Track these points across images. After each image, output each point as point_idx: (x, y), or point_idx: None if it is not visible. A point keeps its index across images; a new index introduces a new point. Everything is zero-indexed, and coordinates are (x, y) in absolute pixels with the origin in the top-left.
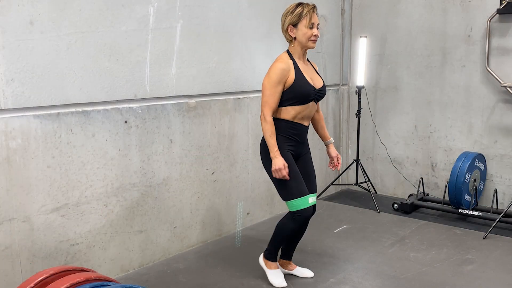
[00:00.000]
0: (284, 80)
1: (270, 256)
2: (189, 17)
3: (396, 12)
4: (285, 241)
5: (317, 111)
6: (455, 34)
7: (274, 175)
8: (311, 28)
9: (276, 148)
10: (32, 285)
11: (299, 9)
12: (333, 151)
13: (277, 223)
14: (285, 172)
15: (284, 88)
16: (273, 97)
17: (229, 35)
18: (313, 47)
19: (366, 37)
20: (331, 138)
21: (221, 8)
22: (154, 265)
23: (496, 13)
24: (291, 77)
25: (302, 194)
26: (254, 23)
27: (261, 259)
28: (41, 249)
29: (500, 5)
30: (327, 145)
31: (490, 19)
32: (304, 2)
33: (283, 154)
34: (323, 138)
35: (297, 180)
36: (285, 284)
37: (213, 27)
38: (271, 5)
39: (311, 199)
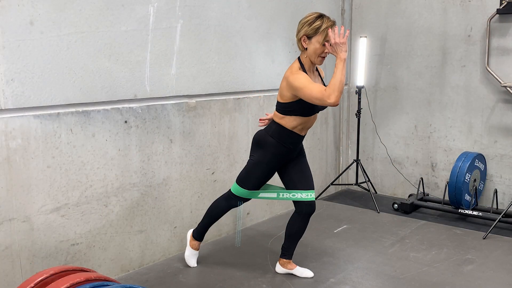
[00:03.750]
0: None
1: (197, 235)
2: (189, 17)
3: (396, 12)
4: (213, 220)
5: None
6: (455, 34)
7: (345, 50)
8: (324, 45)
9: (340, 69)
10: (32, 285)
11: (318, 23)
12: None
13: (212, 203)
14: (341, 38)
15: (293, 99)
16: (316, 84)
17: (229, 35)
18: (319, 64)
19: (366, 37)
20: None
21: (221, 8)
22: (154, 265)
23: (496, 13)
24: None
25: (251, 189)
26: (254, 23)
27: (189, 233)
28: (41, 249)
29: (500, 5)
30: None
31: (490, 19)
32: (326, 15)
33: (267, 159)
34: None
35: (259, 180)
36: (195, 265)
37: (213, 27)
38: (271, 5)
39: (262, 194)
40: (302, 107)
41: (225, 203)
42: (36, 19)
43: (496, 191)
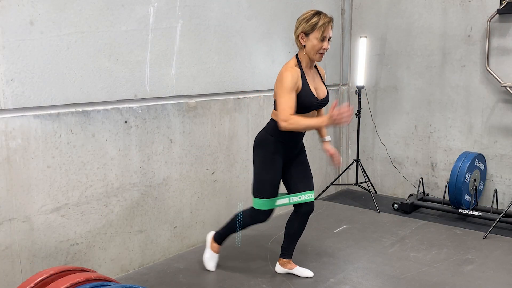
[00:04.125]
0: (295, 88)
1: (219, 238)
2: (189, 17)
3: (396, 12)
4: (236, 230)
5: (319, 111)
6: (455, 34)
7: (339, 121)
8: (323, 41)
9: (314, 120)
10: (32, 285)
11: (314, 19)
12: (331, 148)
13: (239, 212)
14: (345, 113)
15: None
16: (292, 101)
17: (229, 35)
18: (318, 61)
19: (366, 37)
20: (328, 136)
21: (221, 8)
22: (154, 265)
23: (496, 13)
24: (299, 87)
25: (270, 196)
26: (254, 23)
27: (209, 236)
28: (41, 249)
29: (500, 5)
30: (323, 141)
31: (490, 19)
32: (322, 12)
33: (270, 157)
34: (320, 134)
35: (272, 182)
36: (214, 269)
37: (213, 27)
38: (271, 5)
39: (279, 201)
40: (298, 104)
41: (249, 219)
42: (36, 19)
43: (496, 191)
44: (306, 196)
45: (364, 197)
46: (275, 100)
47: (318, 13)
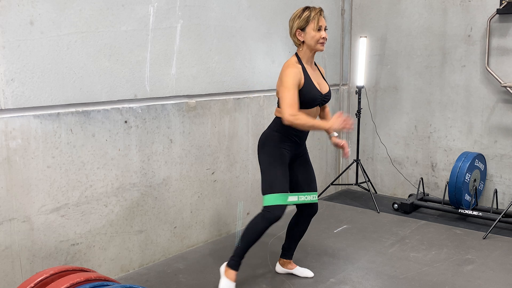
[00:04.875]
0: (298, 84)
1: (234, 262)
2: (189, 17)
3: (396, 12)
4: (252, 244)
5: (324, 107)
6: (455, 34)
7: (342, 127)
8: (319, 30)
9: (319, 122)
10: (32, 285)
11: (306, 13)
12: (340, 140)
13: (247, 225)
14: (347, 122)
15: None
16: (295, 97)
17: (229, 35)
18: (321, 50)
19: (366, 37)
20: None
21: (221, 8)
22: (154, 265)
23: (496, 13)
24: (301, 82)
25: (281, 191)
26: (254, 23)
27: (222, 267)
28: (41, 249)
29: (500, 5)
30: (331, 137)
31: (490, 19)
32: (311, 5)
33: (278, 152)
34: (328, 131)
35: (283, 177)
36: None
37: (213, 27)
38: (271, 5)
39: (291, 198)
40: (303, 99)
41: (261, 221)
42: (36, 19)
43: (496, 191)
44: (311, 197)
45: (364, 197)
46: (279, 98)
47: (307, 8)
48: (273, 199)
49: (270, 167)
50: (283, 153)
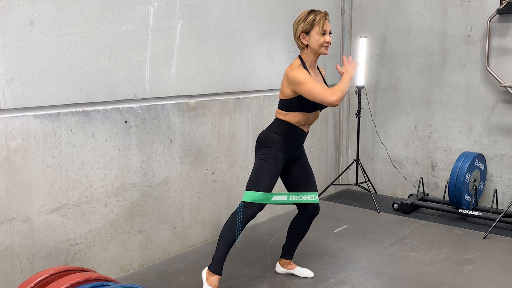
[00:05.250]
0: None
1: (215, 267)
2: (189, 17)
3: (396, 12)
4: (232, 244)
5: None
6: (455, 34)
7: (354, 71)
8: (324, 34)
9: (346, 81)
10: (32, 285)
11: (311, 17)
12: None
13: (224, 226)
14: (353, 65)
15: (294, 95)
16: (318, 84)
17: (229, 35)
18: (325, 54)
19: (366, 37)
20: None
21: (221, 8)
22: (154, 265)
23: (496, 13)
24: None
25: (265, 191)
26: (254, 23)
27: (204, 273)
28: (41, 249)
29: (500, 5)
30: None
31: (490, 19)
32: (316, 9)
33: (274, 154)
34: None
35: (270, 178)
36: None
37: (213, 27)
38: (271, 5)
39: (277, 197)
40: (304, 103)
41: (236, 216)
42: (36, 19)
43: (496, 191)
44: (308, 197)
45: (364, 197)
46: (280, 99)
47: (312, 11)
48: (253, 196)
49: (261, 166)
50: (278, 156)
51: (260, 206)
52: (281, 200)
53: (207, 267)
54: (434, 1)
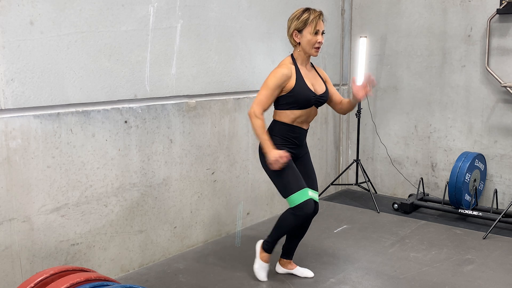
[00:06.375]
0: (283, 86)
1: (267, 247)
2: (189, 17)
3: (396, 12)
4: (284, 234)
5: (341, 100)
6: (455, 34)
7: (272, 167)
8: (316, 34)
9: (269, 142)
10: (32, 285)
11: (305, 15)
12: (358, 88)
13: (280, 215)
14: (283, 160)
15: (283, 93)
16: (269, 99)
17: (229, 35)
18: (315, 55)
19: (366, 37)
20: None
21: (221, 8)
22: (154, 265)
23: (496, 13)
24: (292, 82)
25: (300, 188)
26: (254, 23)
27: (258, 245)
28: (41, 249)
29: (500, 5)
30: (353, 99)
31: (490, 19)
32: (311, 8)
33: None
34: (350, 102)
35: (294, 175)
36: (265, 279)
37: (213, 27)
38: (271, 5)
39: (310, 193)
40: (296, 99)
41: (293, 219)
42: (36, 19)
43: (496, 191)
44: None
45: (364, 197)
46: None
47: (307, 9)
48: (295, 198)
49: (277, 171)
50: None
51: (309, 203)
52: (311, 196)
53: (261, 241)
54: (434, 1)
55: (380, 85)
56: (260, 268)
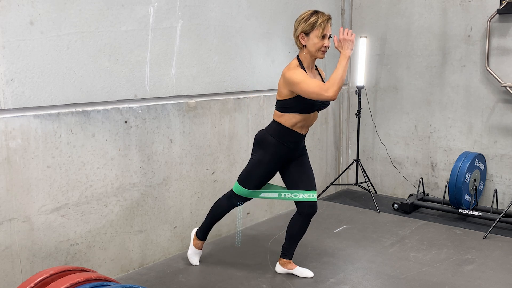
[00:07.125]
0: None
1: (200, 234)
2: (189, 17)
3: (396, 12)
4: (215, 220)
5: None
6: (455, 34)
7: (351, 48)
8: (323, 38)
9: (343, 64)
10: (32, 285)
11: (313, 18)
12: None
13: (214, 202)
14: (347, 38)
15: (291, 96)
16: (314, 81)
17: (229, 35)
18: (321, 58)
19: (366, 37)
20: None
21: (221, 8)
22: (154, 265)
23: (496, 13)
24: None
25: (254, 188)
26: (254, 23)
27: (193, 232)
28: (41, 249)
29: (500, 5)
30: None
31: (490, 19)
32: (320, 11)
33: (268, 158)
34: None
35: (262, 177)
36: (198, 263)
37: (213, 27)
38: (271, 5)
39: (265, 194)
40: (301, 104)
41: (226, 202)
42: (36, 19)
43: (496, 191)
44: (305, 195)
45: (364, 197)
46: (277, 100)
47: (316, 12)
48: (241, 191)
49: (254, 167)
50: (273, 160)
51: (243, 199)
52: (271, 197)
53: (195, 229)
54: (434, 1)
55: (380, 85)
56: (193, 254)
